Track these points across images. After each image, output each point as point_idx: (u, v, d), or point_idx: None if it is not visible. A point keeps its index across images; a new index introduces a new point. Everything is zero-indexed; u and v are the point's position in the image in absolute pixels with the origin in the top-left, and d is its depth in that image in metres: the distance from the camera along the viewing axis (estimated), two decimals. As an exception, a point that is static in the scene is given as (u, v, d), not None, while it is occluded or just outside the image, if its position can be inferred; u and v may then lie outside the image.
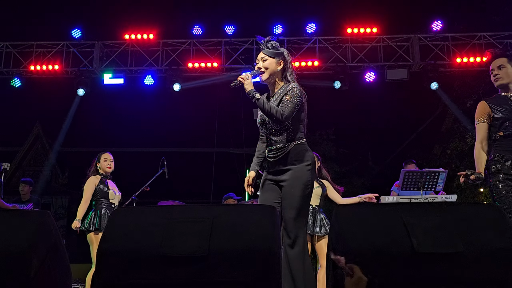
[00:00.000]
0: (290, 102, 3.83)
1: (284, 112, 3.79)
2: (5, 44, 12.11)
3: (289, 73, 4.09)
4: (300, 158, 3.88)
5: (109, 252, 2.68)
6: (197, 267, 2.60)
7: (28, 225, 2.76)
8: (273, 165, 3.98)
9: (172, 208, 2.87)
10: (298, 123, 3.96)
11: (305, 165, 3.87)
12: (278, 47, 4.07)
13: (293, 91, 3.88)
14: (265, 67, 4.02)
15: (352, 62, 11.54)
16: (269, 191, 4.00)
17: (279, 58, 4.03)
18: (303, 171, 3.86)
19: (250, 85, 3.93)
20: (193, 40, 11.86)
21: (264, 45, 4.06)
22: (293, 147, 3.89)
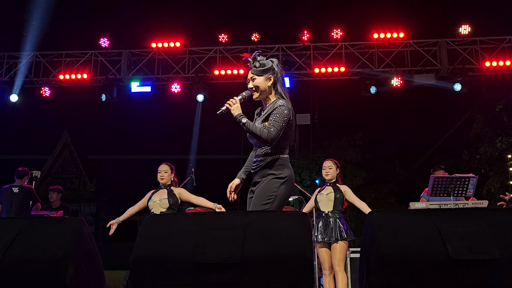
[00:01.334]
0: (277, 122, 3.85)
1: (271, 133, 3.81)
2: (35, 53, 12.34)
3: (280, 85, 4.07)
4: (273, 171, 3.90)
5: (142, 259, 2.69)
6: (230, 274, 2.61)
7: (63, 232, 2.80)
8: (253, 176, 4.06)
9: (205, 215, 2.88)
10: (283, 138, 3.95)
11: (275, 178, 3.88)
12: (265, 62, 4.05)
13: (280, 109, 3.89)
14: (255, 86, 4.03)
15: (378, 68, 11.48)
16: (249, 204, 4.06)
17: (267, 74, 4.02)
18: (272, 183, 3.87)
19: (237, 109, 3.94)
20: (219, 47, 11.92)
21: (252, 64, 4.06)
22: (270, 161, 3.92)
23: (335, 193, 6.15)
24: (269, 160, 3.92)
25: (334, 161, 6.44)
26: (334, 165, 6.36)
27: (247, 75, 4.11)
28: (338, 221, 6.05)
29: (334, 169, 6.33)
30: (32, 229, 2.88)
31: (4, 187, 8.53)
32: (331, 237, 5.96)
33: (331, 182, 6.31)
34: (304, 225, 2.75)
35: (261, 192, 3.88)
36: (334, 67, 11.49)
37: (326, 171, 6.33)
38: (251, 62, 4.05)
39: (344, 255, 6.01)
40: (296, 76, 11.86)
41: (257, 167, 3.98)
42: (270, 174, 3.90)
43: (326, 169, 6.35)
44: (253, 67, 4.04)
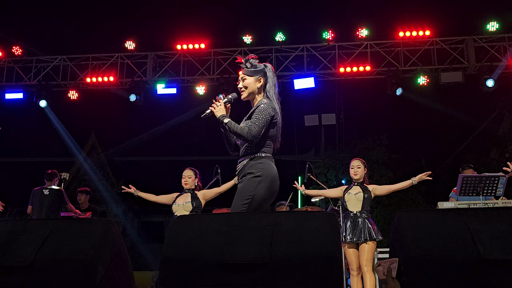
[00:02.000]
0: (258, 120, 3.86)
1: (252, 131, 3.82)
2: (62, 57, 12.51)
3: (269, 88, 4.09)
4: (251, 170, 3.88)
5: (172, 259, 2.71)
6: (258, 274, 2.61)
7: (93, 234, 2.83)
8: (238, 178, 4.04)
9: (233, 215, 2.89)
10: (264, 138, 3.94)
11: (253, 176, 3.85)
12: (257, 64, 4.10)
13: (262, 108, 3.90)
14: (244, 86, 4.06)
15: (404, 66, 11.37)
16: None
17: (258, 75, 4.06)
18: (250, 183, 3.84)
19: (221, 110, 3.99)
20: (244, 48, 11.93)
21: (244, 64, 4.10)
22: (250, 160, 3.93)
23: (364, 193, 6.08)
24: (248, 160, 3.93)
25: (362, 161, 6.38)
26: (363, 164, 6.30)
27: (240, 75, 4.14)
28: (367, 221, 5.98)
29: (363, 168, 6.27)
30: (63, 231, 2.93)
31: (35, 189, 8.66)
32: (359, 237, 5.90)
33: (358, 182, 6.25)
34: (332, 225, 2.74)
35: (239, 192, 3.85)
36: (359, 66, 11.41)
37: (355, 170, 6.27)
38: (243, 63, 4.10)
39: (372, 255, 5.95)
40: (321, 76, 11.82)
41: (238, 168, 4.00)
42: (249, 173, 3.87)
43: (354, 168, 6.28)
44: (245, 67, 4.09)
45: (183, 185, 6.55)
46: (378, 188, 6.30)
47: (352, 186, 6.26)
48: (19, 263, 2.73)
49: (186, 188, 6.48)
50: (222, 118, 3.94)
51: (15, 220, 3.24)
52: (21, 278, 2.73)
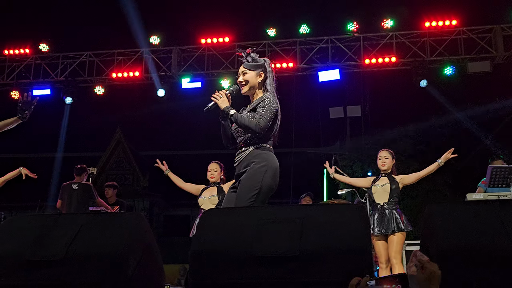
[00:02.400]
0: (266, 113, 3.87)
1: (260, 123, 3.83)
2: (88, 53, 12.65)
3: (269, 83, 4.11)
4: (255, 159, 3.88)
5: (201, 253, 2.72)
6: (288, 268, 2.60)
7: (124, 227, 2.85)
8: (236, 169, 4.03)
9: (262, 208, 2.90)
10: (268, 131, 3.97)
11: (258, 166, 3.83)
12: (258, 59, 4.10)
13: (268, 101, 3.92)
14: (245, 80, 4.06)
15: (431, 57, 11.24)
16: (228, 199, 4.01)
17: (259, 70, 4.06)
18: (257, 173, 3.82)
19: (225, 102, 3.98)
20: (268, 41, 11.92)
21: (244, 58, 4.09)
22: (252, 150, 3.93)
23: (391, 184, 6.01)
24: (251, 150, 3.93)
25: (390, 151, 6.29)
26: (390, 155, 6.21)
27: (240, 69, 4.13)
28: (394, 212, 5.91)
29: (390, 159, 6.19)
30: (93, 225, 2.96)
31: (64, 184, 8.79)
32: (387, 229, 5.84)
33: (386, 173, 6.18)
34: (362, 218, 2.72)
35: (247, 183, 3.82)
36: (384, 57, 11.32)
37: (382, 161, 6.18)
38: (244, 57, 4.09)
39: (401, 247, 5.88)
40: (346, 67, 11.75)
41: (239, 158, 3.98)
42: (253, 162, 3.86)
43: (382, 159, 6.20)
44: (246, 62, 4.08)
45: (209, 179, 6.58)
46: (406, 177, 6.21)
47: (380, 177, 6.20)
48: (51, 257, 2.77)
49: (212, 182, 6.51)
50: (228, 109, 3.94)
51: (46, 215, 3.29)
52: (54, 271, 2.76)
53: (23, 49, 12.74)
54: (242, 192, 3.81)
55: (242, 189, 3.82)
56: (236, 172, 4.02)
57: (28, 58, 12.78)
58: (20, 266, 2.79)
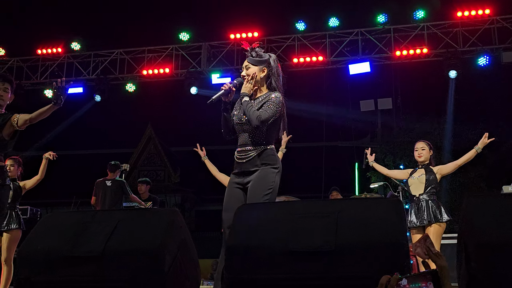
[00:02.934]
0: (270, 109, 3.91)
1: (261, 116, 3.87)
2: (119, 51, 12.79)
3: (274, 80, 4.12)
4: (267, 161, 3.95)
5: (237, 248, 2.73)
6: (323, 262, 2.60)
7: (160, 223, 2.89)
8: (239, 166, 4.03)
9: (296, 203, 2.89)
10: (273, 130, 4.04)
11: (271, 167, 3.94)
12: (263, 54, 4.10)
13: (275, 100, 3.96)
14: (248, 75, 4.06)
15: (463, 47, 11.04)
16: (234, 196, 4.01)
17: (262, 65, 4.09)
18: (269, 173, 3.92)
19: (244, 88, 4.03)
20: (297, 35, 11.87)
21: (249, 53, 4.10)
22: (262, 151, 3.97)
23: (427, 175, 5.91)
24: (260, 151, 3.97)
25: (427, 142, 6.16)
26: (427, 146, 6.08)
27: (244, 63, 4.15)
28: (431, 202, 5.82)
29: (427, 150, 6.06)
30: (130, 221, 3.00)
31: (98, 181, 8.91)
32: (423, 220, 5.75)
33: (423, 164, 6.09)
34: (398, 211, 2.70)
35: (260, 182, 3.89)
36: (416, 49, 11.15)
37: (419, 152, 6.07)
38: (249, 51, 4.10)
39: (438, 238, 5.75)
40: (377, 60, 11.63)
41: (248, 157, 3.99)
42: (265, 164, 3.94)
43: (418, 150, 6.08)
44: (250, 56, 4.10)
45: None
46: (443, 167, 6.09)
47: (417, 169, 6.10)
48: (89, 253, 2.82)
49: None
50: (244, 95, 3.98)
51: (84, 212, 3.34)
52: (92, 267, 2.81)
53: (55, 49, 12.95)
54: (257, 190, 3.87)
55: (256, 188, 3.89)
56: (241, 169, 4.03)
57: (60, 57, 12.99)
58: (59, 262, 2.85)
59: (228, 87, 4.01)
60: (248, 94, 3.99)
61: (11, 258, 6.32)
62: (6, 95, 4.69)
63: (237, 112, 4.11)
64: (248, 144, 4.02)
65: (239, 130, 4.10)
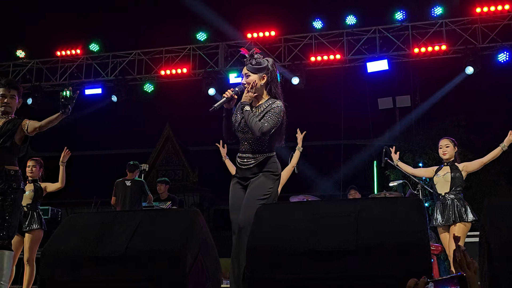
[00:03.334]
0: (272, 120, 3.96)
1: (263, 128, 3.91)
2: (137, 52, 12.86)
3: (274, 86, 4.16)
4: (268, 168, 4.02)
5: (258, 248, 2.74)
6: (345, 262, 2.60)
7: (181, 224, 2.91)
8: (242, 171, 4.09)
9: (316, 203, 2.89)
10: (275, 138, 4.10)
11: (271, 174, 4.02)
12: (261, 61, 4.11)
13: (277, 110, 4.01)
14: (248, 83, 4.09)
15: (483, 43, 10.92)
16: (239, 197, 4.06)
17: (262, 73, 4.10)
18: (268, 179, 3.99)
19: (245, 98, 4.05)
20: (314, 33, 11.83)
21: (248, 61, 4.12)
22: (264, 159, 4.04)
23: (452, 173, 5.84)
24: (262, 159, 4.03)
25: (451, 139, 6.07)
26: (451, 143, 5.99)
27: (244, 70, 4.16)
28: (456, 201, 5.75)
29: (452, 147, 5.98)
30: (151, 221, 3.02)
31: (118, 181, 8.98)
32: (449, 219, 5.69)
33: (448, 162, 6.02)
34: (420, 211, 2.69)
35: (258, 186, 3.95)
36: (434, 46, 11.05)
37: (443, 150, 5.99)
38: (248, 59, 4.12)
39: (462, 238, 5.67)
40: (395, 57, 11.55)
41: (249, 164, 4.05)
42: (266, 171, 4.01)
43: (442, 148, 6.00)
44: (249, 64, 4.12)
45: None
46: (469, 164, 5.99)
47: (442, 166, 6.02)
48: (112, 253, 2.85)
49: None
50: (244, 104, 4.01)
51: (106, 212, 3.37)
52: (114, 267, 2.84)
53: (74, 50, 13.05)
54: (253, 193, 3.94)
55: (253, 192, 3.95)
56: (243, 174, 4.09)
57: (79, 59, 13.08)
58: (82, 262, 2.88)
59: (230, 94, 4.03)
60: (248, 103, 4.02)
61: (33, 258, 6.40)
62: (14, 101, 4.78)
63: (239, 119, 4.13)
64: (249, 151, 4.08)
65: (241, 137, 4.15)
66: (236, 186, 4.12)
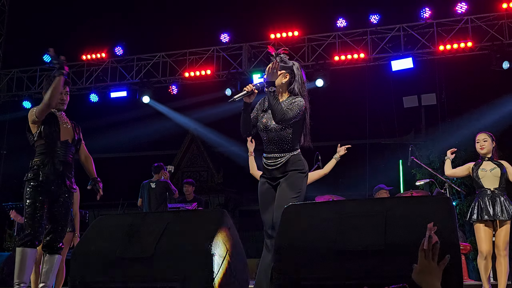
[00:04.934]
0: (294, 109, 3.98)
1: (287, 114, 3.92)
2: (161, 54, 12.95)
3: (298, 87, 4.17)
4: (296, 166, 4.04)
5: (286, 248, 2.75)
6: (373, 261, 2.59)
7: (208, 225, 2.92)
8: (269, 172, 4.09)
9: (344, 203, 2.89)
10: (298, 135, 4.12)
11: (299, 172, 4.04)
12: (287, 61, 4.16)
13: (298, 102, 4.04)
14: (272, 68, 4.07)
15: (509, 39, 10.74)
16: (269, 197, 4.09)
17: (285, 71, 4.13)
18: (298, 177, 4.02)
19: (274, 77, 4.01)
20: (338, 32, 11.77)
21: (274, 58, 4.12)
22: (291, 157, 4.04)
23: (501, 169, 5.65)
24: (290, 157, 4.05)
25: (489, 134, 5.88)
26: (489, 137, 5.81)
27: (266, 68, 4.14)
28: (504, 198, 5.54)
29: (490, 141, 5.81)
30: (179, 222, 3.05)
31: (143, 183, 9.06)
32: (496, 215, 5.49)
33: (487, 157, 5.84)
34: (448, 210, 2.66)
35: (289, 185, 3.99)
36: (460, 43, 10.91)
37: (481, 144, 5.81)
38: (274, 56, 4.13)
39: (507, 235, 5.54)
40: (420, 55, 11.44)
41: (277, 163, 4.05)
42: (294, 169, 4.03)
43: (480, 142, 5.82)
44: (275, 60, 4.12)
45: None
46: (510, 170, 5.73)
47: (482, 162, 5.88)
48: (141, 254, 2.88)
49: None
50: (272, 84, 3.98)
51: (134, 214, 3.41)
52: (143, 268, 2.87)
53: (99, 54, 13.20)
54: (285, 193, 3.96)
55: (285, 192, 3.97)
56: (271, 175, 4.10)
57: (104, 62, 13.22)
58: (112, 263, 2.92)
59: (251, 88, 4.04)
60: (274, 85, 3.99)
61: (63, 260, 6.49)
62: (67, 97, 4.78)
63: (264, 118, 4.15)
64: (276, 151, 4.09)
65: (265, 136, 4.16)
66: (265, 186, 4.13)
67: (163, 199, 8.91)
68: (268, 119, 4.08)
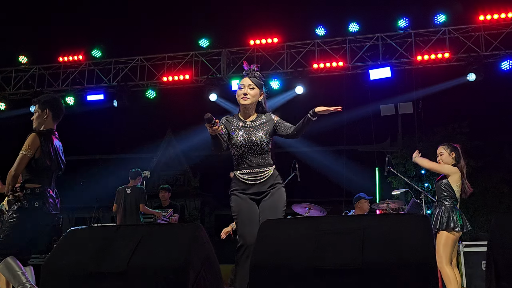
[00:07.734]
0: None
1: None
2: (139, 58, 12.82)
3: (265, 104, 4.32)
4: (278, 180, 4.16)
5: (262, 265, 2.70)
6: (350, 280, 2.55)
7: (182, 239, 2.86)
8: (251, 187, 4.09)
9: (321, 219, 2.85)
10: (272, 149, 4.22)
11: (281, 185, 4.17)
12: (263, 78, 4.26)
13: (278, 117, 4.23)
14: (251, 95, 4.15)
15: (486, 51, 10.87)
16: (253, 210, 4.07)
17: (261, 90, 4.24)
18: (283, 191, 4.16)
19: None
20: (317, 40, 11.80)
21: (251, 73, 4.18)
22: (273, 171, 4.15)
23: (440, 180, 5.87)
24: (272, 171, 4.13)
25: (443, 146, 5.96)
26: (444, 149, 5.93)
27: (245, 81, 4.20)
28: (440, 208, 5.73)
29: (446, 154, 5.94)
30: (153, 236, 2.98)
31: (119, 188, 8.95)
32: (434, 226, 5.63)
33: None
34: (426, 228, 2.64)
35: (279, 199, 4.09)
36: (437, 53, 11.01)
37: (439, 158, 5.95)
38: (250, 72, 4.18)
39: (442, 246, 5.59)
40: (398, 65, 11.51)
41: (260, 178, 4.09)
42: (278, 183, 4.14)
43: (438, 156, 5.97)
44: (254, 77, 4.18)
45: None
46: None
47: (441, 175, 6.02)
48: (114, 269, 2.80)
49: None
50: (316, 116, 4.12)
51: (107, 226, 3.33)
52: (116, 284, 2.80)
53: (77, 56, 13.02)
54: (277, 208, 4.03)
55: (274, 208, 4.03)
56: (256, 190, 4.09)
57: (81, 64, 13.04)
58: (84, 278, 2.84)
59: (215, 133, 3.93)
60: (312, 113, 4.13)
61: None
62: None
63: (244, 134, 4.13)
64: (260, 165, 4.10)
65: (245, 151, 4.13)
66: (249, 202, 4.09)
67: (137, 205, 8.79)
68: (250, 134, 4.08)
